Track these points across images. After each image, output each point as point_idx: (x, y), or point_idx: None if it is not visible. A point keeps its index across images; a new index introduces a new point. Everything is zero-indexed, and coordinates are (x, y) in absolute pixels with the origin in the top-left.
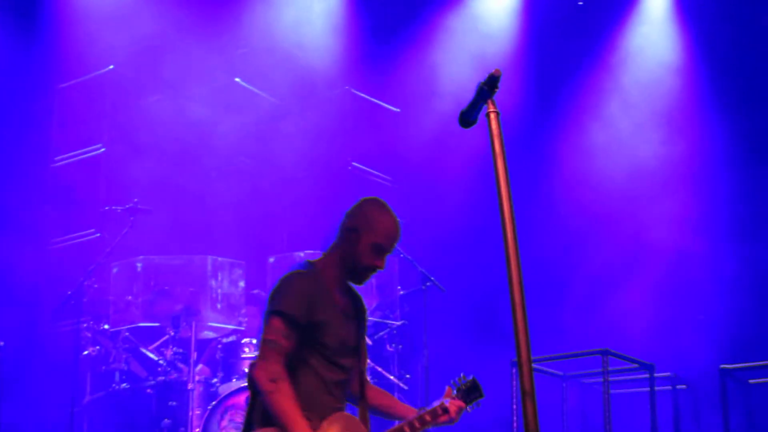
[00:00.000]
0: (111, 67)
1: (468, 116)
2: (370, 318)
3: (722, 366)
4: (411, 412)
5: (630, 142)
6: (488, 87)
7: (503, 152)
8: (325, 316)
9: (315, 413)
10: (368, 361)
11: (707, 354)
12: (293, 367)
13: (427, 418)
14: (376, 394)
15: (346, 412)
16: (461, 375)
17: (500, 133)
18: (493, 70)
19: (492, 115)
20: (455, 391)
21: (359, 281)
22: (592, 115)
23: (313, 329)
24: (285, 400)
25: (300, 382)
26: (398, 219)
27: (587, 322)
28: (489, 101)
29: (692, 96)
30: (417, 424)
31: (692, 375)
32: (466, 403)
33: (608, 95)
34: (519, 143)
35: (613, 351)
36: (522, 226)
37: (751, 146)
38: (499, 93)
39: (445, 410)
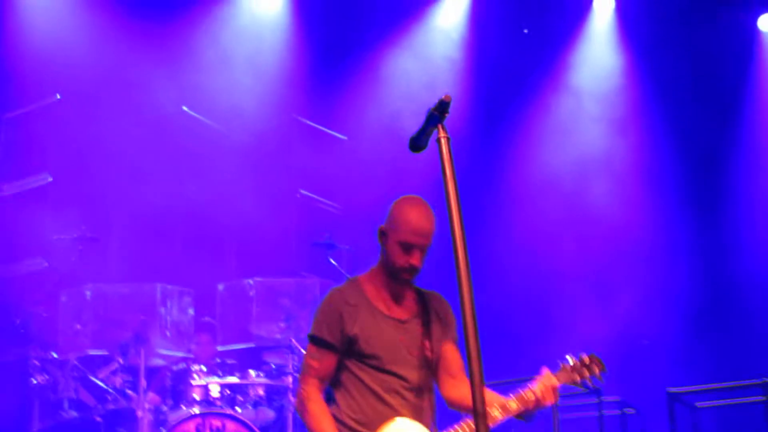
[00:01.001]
0: (58, 96)
1: (418, 141)
2: None
3: (669, 390)
4: (498, 400)
5: (580, 154)
6: (438, 113)
7: (454, 177)
8: (363, 327)
9: (369, 425)
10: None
11: (655, 378)
12: (343, 382)
13: (512, 405)
14: (466, 395)
15: (404, 419)
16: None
17: (451, 159)
18: (443, 96)
19: (443, 141)
20: (557, 370)
21: (401, 283)
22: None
23: (352, 343)
24: (311, 420)
25: (352, 396)
26: (430, 213)
27: (536, 345)
28: (439, 126)
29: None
30: (500, 413)
31: (640, 399)
32: (580, 376)
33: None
34: (469, 163)
35: None
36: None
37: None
38: (450, 116)
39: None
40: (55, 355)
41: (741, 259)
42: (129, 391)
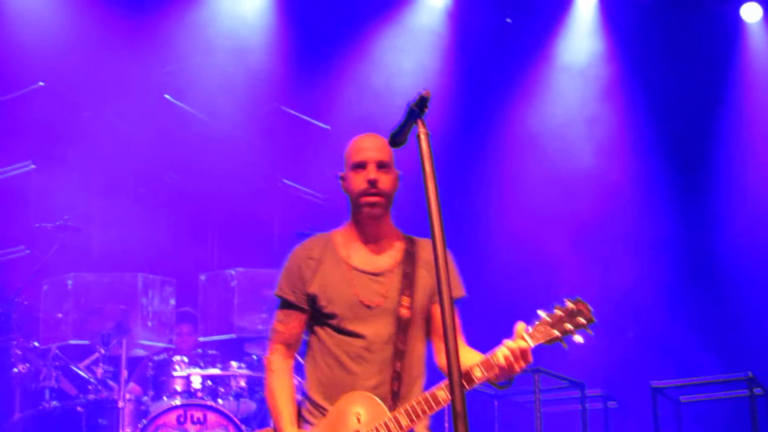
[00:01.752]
0: (41, 83)
1: (397, 137)
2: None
3: (653, 384)
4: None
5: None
6: (418, 108)
7: (434, 173)
8: (324, 283)
9: (334, 397)
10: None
11: (638, 372)
12: (311, 349)
13: (476, 373)
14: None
15: (358, 393)
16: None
17: (431, 154)
18: (423, 91)
19: (422, 136)
20: (531, 327)
21: (368, 216)
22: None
23: (314, 301)
24: (267, 395)
25: (317, 364)
26: (376, 135)
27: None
28: (419, 122)
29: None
30: (469, 380)
31: (624, 393)
32: (560, 333)
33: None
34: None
35: (544, 369)
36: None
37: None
38: (431, 108)
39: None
40: (36, 344)
41: (727, 255)
42: (110, 382)
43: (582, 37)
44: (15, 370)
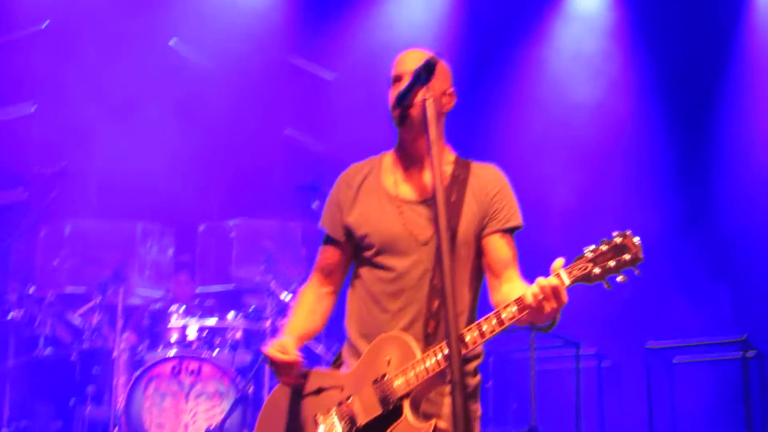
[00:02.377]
0: (46, 23)
1: (404, 100)
2: (299, 289)
3: (647, 345)
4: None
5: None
6: (425, 73)
7: (439, 138)
8: (361, 212)
9: (366, 338)
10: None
11: (633, 333)
12: (352, 286)
13: (508, 312)
14: (504, 298)
15: (391, 333)
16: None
17: (435, 120)
18: (430, 57)
19: (427, 102)
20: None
21: (404, 131)
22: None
23: (351, 233)
24: (289, 314)
25: (355, 301)
26: (418, 49)
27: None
28: (425, 87)
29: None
30: (500, 322)
31: (618, 353)
32: (601, 271)
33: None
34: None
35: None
36: None
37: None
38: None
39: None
40: (32, 291)
41: (725, 217)
42: (106, 330)
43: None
44: (10, 315)
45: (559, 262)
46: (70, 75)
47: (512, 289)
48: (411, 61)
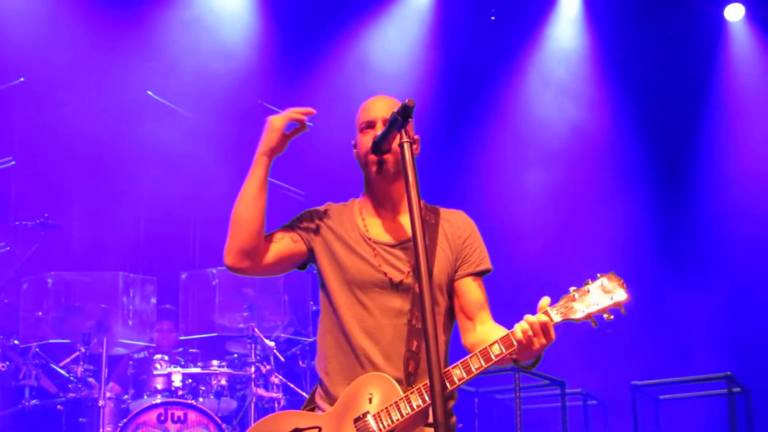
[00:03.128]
0: (21, 79)
1: (381, 145)
2: (282, 335)
3: (633, 382)
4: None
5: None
6: (402, 117)
7: (416, 182)
8: (337, 249)
9: (344, 380)
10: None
11: (618, 370)
12: (323, 325)
13: (494, 350)
14: (479, 341)
15: (374, 374)
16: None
17: (413, 163)
18: (407, 101)
19: (405, 145)
20: (557, 302)
21: (379, 178)
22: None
23: (323, 266)
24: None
25: (327, 343)
26: (384, 96)
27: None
28: (402, 131)
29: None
30: (487, 358)
31: (603, 391)
32: (587, 311)
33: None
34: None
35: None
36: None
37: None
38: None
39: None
40: (16, 342)
41: (707, 253)
42: (91, 380)
43: (566, 30)
44: None
45: (546, 300)
46: (48, 128)
47: (487, 330)
48: (381, 107)
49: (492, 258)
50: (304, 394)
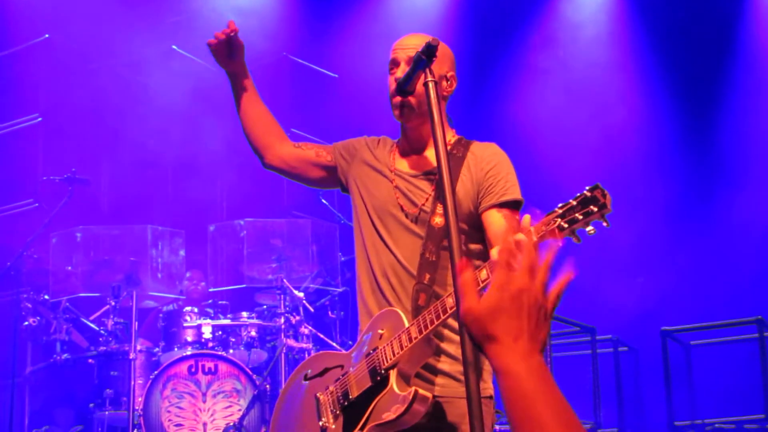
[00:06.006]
0: (46, 36)
1: (405, 85)
2: (310, 286)
3: (663, 328)
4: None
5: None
6: (426, 56)
7: (441, 120)
8: (367, 177)
9: (368, 315)
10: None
11: (649, 317)
12: (356, 257)
13: (482, 274)
14: None
15: (389, 309)
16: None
17: (438, 102)
18: (430, 39)
19: (430, 84)
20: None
21: (403, 120)
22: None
23: (353, 188)
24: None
25: (358, 275)
26: (417, 33)
27: None
28: (427, 70)
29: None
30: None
31: (634, 337)
32: (569, 224)
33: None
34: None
35: (555, 314)
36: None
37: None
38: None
39: None
40: (46, 297)
41: (735, 197)
42: (121, 333)
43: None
44: (26, 323)
45: (527, 218)
46: (74, 84)
47: None
48: (408, 45)
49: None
50: (333, 344)
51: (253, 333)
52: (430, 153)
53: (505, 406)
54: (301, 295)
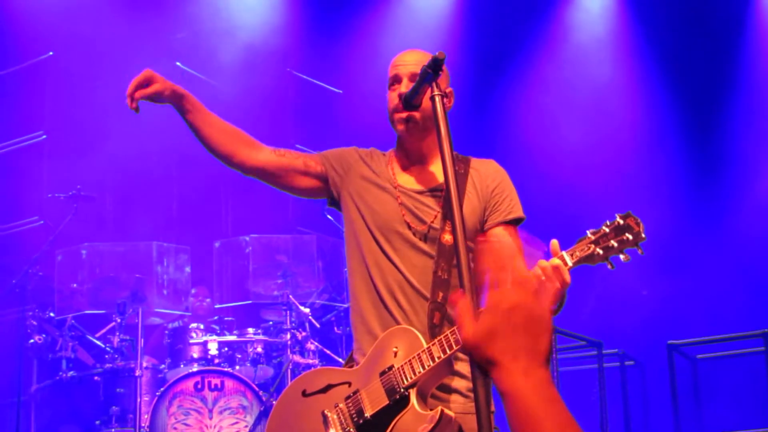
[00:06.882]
0: (50, 53)
1: (412, 98)
2: (316, 302)
3: (670, 342)
4: None
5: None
6: (432, 70)
7: (449, 135)
8: (367, 192)
9: (371, 335)
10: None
11: (655, 330)
12: (352, 278)
13: None
14: None
15: (400, 327)
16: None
17: (445, 116)
18: (437, 53)
19: (437, 98)
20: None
21: (407, 135)
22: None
23: (351, 206)
24: None
25: (356, 298)
26: (415, 49)
27: None
28: (433, 84)
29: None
30: None
31: (640, 351)
32: (603, 251)
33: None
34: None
35: (561, 329)
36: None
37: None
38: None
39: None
40: (52, 315)
41: (742, 210)
42: (127, 350)
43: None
44: (31, 341)
45: (555, 243)
46: (78, 101)
47: None
48: (409, 61)
49: (525, 208)
50: (339, 359)
51: (259, 349)
52: (434, 168)
53: (510, 426)
54: (307, 310)
